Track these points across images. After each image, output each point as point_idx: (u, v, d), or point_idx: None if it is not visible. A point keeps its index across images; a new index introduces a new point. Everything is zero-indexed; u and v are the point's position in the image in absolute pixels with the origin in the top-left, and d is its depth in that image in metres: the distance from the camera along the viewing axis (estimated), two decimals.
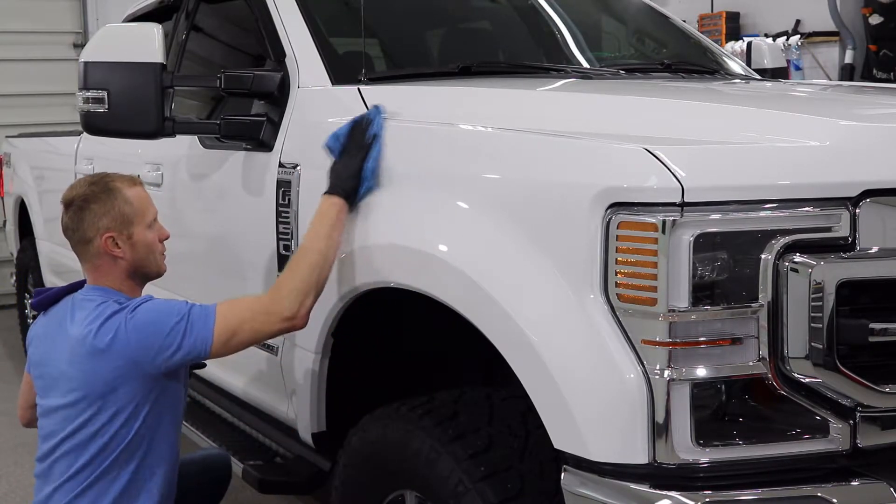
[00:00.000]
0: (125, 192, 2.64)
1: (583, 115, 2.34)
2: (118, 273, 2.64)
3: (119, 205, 2.61)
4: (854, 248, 1.76)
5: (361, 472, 2.41)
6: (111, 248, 2.61)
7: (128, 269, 2.64)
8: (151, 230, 2.68)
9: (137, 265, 2.65)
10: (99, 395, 2.49)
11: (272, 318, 2.42)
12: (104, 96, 2.76)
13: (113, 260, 2.62)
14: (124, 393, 2.50)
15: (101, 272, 2.64)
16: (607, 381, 1.78)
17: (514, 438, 2.10)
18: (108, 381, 2.49)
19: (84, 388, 2.50)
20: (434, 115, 2.52)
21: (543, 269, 1.90)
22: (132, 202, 2.64)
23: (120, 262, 2.63)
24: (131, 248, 2.63)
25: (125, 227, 2.61)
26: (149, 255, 2.67)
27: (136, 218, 2.63)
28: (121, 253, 2.62)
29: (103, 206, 2.61)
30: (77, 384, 2.51)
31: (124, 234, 2.61)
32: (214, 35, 3.75)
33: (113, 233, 2.60)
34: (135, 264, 2.65)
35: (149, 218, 2.67)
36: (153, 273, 2.72)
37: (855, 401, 1.76)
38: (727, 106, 2.37)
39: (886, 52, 6.85)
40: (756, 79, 3.69)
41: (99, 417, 2.51)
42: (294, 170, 2.73)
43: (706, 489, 1.73)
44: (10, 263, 7.08)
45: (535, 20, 3.70)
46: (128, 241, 2.62)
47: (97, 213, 2.60)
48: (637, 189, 1.77)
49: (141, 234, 2.64)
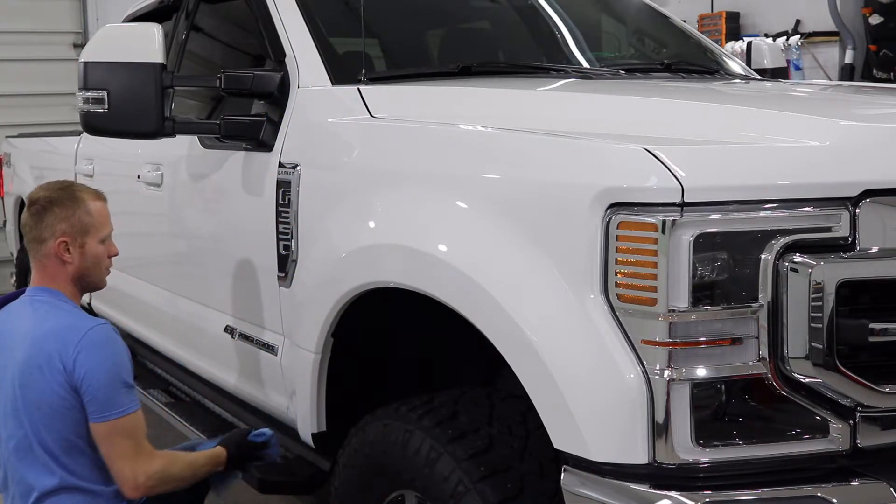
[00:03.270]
0: (88, 203, 2.76)
1: (583, 115, 2.34)
2: (63, 277, 2.74)
3: (80, 213, 2.73)
4: (854, 248, 1.76)
5: (361, 472, 2.41)
6: (62, 252, 2.72)
7: (73, 274, 2.75)
8: (103, 245, 2.79)
9: (83, 273, 2.76)
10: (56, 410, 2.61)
11: (137, 463, 2.61)
12: (104, 96, 2.76)
13: (61, 264, 2.73)
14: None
15: (47, 273, 2.75)
16: (607, 381, 1.78)
17: (514, 438, 2.10)
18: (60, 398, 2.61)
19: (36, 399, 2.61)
20: (434, 114, 2.52)
21: (543, 269, 1.90)
22: (93, 214, 2.75)
23: (67, 266, 2.74)
24: (81, 256, 2.74)
25: (80, 236, 2.72)
26: (95, 267, 2.78)
27: (93, 230, 2.75)
28: (70, 259, 2.73)
29: (65, 210, 2.72)
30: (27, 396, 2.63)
31: (78, 242, 2.72)
32: (214, 35, 3.75)
33: (67, 238, 2.71)
34: (80, 272, 2.76)
35: (104, 233, 2.78)
36: (94, 285, 2.85)
37: (855, 401, 1.76)
38: (727, 106, 2.38)
39: (886, 52, 6.85)
40: (756, 79, 3.70)
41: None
42: (294, 170, 2.73)
43: (706, 489, 1.73)
44: (10, 263, 7.08)
45: (535, 20, 3.70)
46: (79, 249, 2.73)
47: (58, 216, 2.71)
48: (637, 189, 1.77)
49: (93, 245, 2.75)
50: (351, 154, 2.62)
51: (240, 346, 3.15)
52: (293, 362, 2.77)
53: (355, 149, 2.62)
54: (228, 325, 3.24)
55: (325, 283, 2.55)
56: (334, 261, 2.52)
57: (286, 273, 2.75)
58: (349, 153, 2.63)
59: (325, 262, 2.56)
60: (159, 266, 3.98)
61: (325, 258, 2.57)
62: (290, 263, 2.73)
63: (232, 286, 3.24)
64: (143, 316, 4.15)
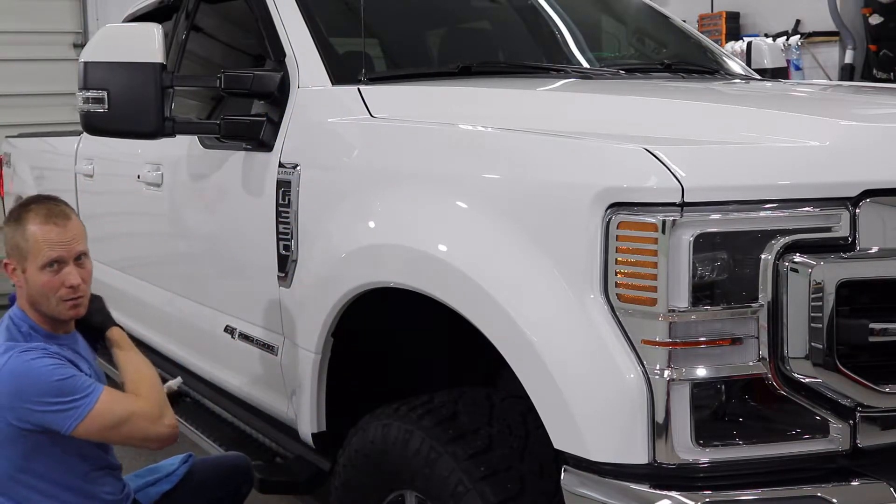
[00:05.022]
0: (29, 227, 2.62)
1: (583, 115, 2.34)
2: (24, 299, 2.69)
3: (17, 238, 2.64)
4: (854, 248, 1.76)
5: (361, 472, 2.41)
6: (11, 275, 2.68)
7: (28, 301, 2.67)
8: (48, 272, 2.60)
9: (34, 301, 2.65)
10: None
11: (155, 423, 2.56)
12: (104, 96, 2.75)
13: (19, 286, 2.68)
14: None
15: (18, 293, 2.70)
16: (607, 381, 1.78)
17: (514, 438, 2.10)
18: None
19: None
20: (434, 114, 2.52)
21: (543, 269, 1.90)
22: (28, 239, 2.61)
23: (22, 291, 2.68)
24: (27, 282, 2.65)
25: (20, 262, 2.65)
26: (41, 296, 2.62)
27: (30, 256, 2.61)
28: (20, 283, 2.67)
29: (9, 231, 2.66)
30: None
31: (20, 268, 2.65)
32: (214, 35, 3.75)
33: (13, 262, 2.66)
34: (31, 300, 2.66)
35: (40, 260, 2.59)
36: (51, 315, 2.66)
37: (855, 401, 1.76)
38: (727, 106, 2.38)
39: (886, 52, 6.85)
40: (756, 79, 3.70)
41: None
42: (294, 170, 2.73)
43: (706, 489, 1.73)
44: None
45: (535, 20, 3.70)
46: (23, 274, 2.65)
47: (6, 237, 2.66)
48: (637, 189, 1.77)
49: (33, 273, 2.61)
50: (351, 154, 2.62)
51: (240, 346, 3.15)
52: (293, 362, 2.77)
53: (355, 149, 2.62)
54: (228, 325, 3.24)
55: (325, 283, 2.55)
56: (334, 261, 2.52)
57: (286, 273, 2.75)
58: (349, 153, 2.63)
59: (325, 262, 2.57)
60: (159, 266, 3.98)
61: (325, 258, 2.57)
62: (290, 263, 2.73)
63: (232, 286, 3.24)
64: (143, 316, 4.15)
